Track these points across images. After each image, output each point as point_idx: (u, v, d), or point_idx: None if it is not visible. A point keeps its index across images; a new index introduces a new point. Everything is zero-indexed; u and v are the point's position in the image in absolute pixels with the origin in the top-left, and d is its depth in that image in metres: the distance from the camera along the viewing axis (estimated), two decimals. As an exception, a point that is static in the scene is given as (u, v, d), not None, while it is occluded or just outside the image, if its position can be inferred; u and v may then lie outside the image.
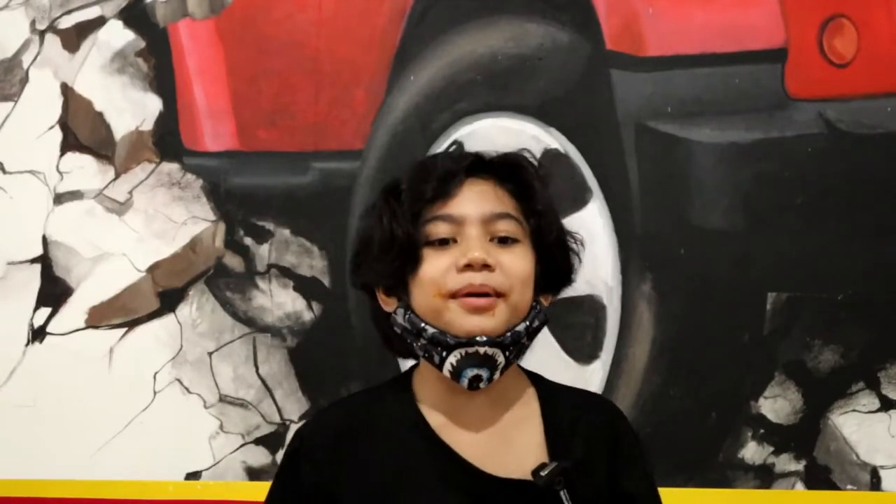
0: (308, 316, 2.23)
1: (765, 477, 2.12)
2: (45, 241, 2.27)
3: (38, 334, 2.26)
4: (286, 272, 2.23)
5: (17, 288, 2.27)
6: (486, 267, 1.34)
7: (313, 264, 2.22)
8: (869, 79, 2.07)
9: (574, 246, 1.45)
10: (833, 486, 2.11)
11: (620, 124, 2.13)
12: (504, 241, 1.37)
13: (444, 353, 1.35)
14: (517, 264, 1.36)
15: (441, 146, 2.20)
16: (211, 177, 2.23)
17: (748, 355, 2.11)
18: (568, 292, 2.08)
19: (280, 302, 2.24)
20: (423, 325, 1.36)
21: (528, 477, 1.35)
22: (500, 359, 1.36)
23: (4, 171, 2.27)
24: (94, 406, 2.23)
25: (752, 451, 2.12)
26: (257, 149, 2.23)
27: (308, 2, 2.21)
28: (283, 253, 2.22)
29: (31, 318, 2.27)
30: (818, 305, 2.09)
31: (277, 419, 2.23)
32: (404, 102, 2.19)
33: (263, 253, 2.23)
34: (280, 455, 2.19)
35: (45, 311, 2.26)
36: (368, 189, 2.19)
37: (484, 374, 1.35)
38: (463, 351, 1.34)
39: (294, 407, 2.22)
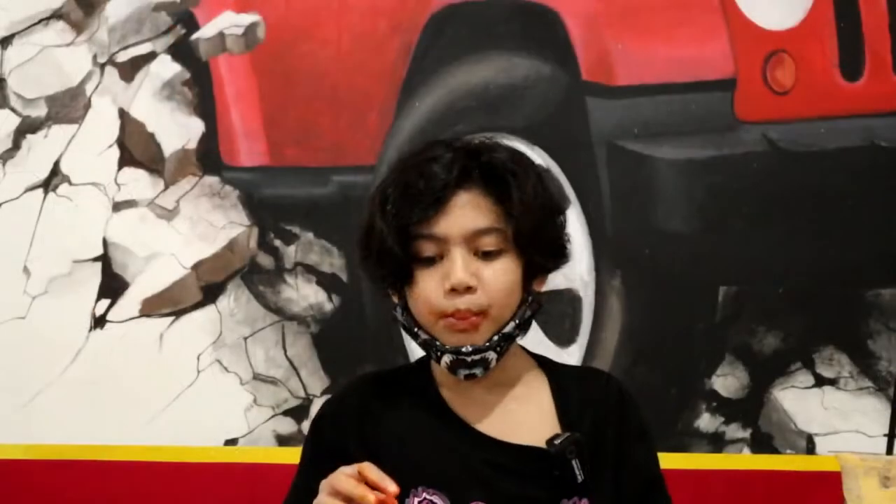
0: (329, 306, 2.27)
1: (717, 443, 2.25)
2: (105, 242, 2.27)
3: (98, 322, 2.27)
4: (310, 269, 2.27)
5: (82, 283, 2.27)
6: (468, 289, 1.29)
7: (333, 262, 2.26)
8: (805, 105, 2.21)
9: (558, 229, 1.36)
10: (775, 451, 2.23)
11: (594, 143, 2.22)
12: (488, 254, 1.32)
13: (440, 353, 1.33)
14: (499, 279, 1.31)
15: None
16: (246, 188, 2.26)
17: (703, 340, 2.24)
18: (549, 286, 2.12)
19: (305, 294, 2.28)
20: (416, 329, 1.34)
21: (542, 445, 1.32)
22: (492, 356, 1.32)
23: (70, 183, 2.27)
24: (147, 383, 2.26)
25: (706, 422, 2.24)
26: (285, 164, 2.25)
27: (329, 39, 2.23)
28: (307, 253, 2.26)
29: (93, 308, 2.27)
30: (762, 297, 2.23)
31: (303, 394, 2.27)
32: (410, 125, 2.24)
33: (291, 253, 2.26)
34: (305, 424, 2.24)
35: (104, 303, 2.27)
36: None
37: (477, 372, 1.33)
38: (453, 356, 1.31)
39: (317, 384, 2.27)
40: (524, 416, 1.38)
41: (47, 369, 2.27)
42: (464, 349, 1.31)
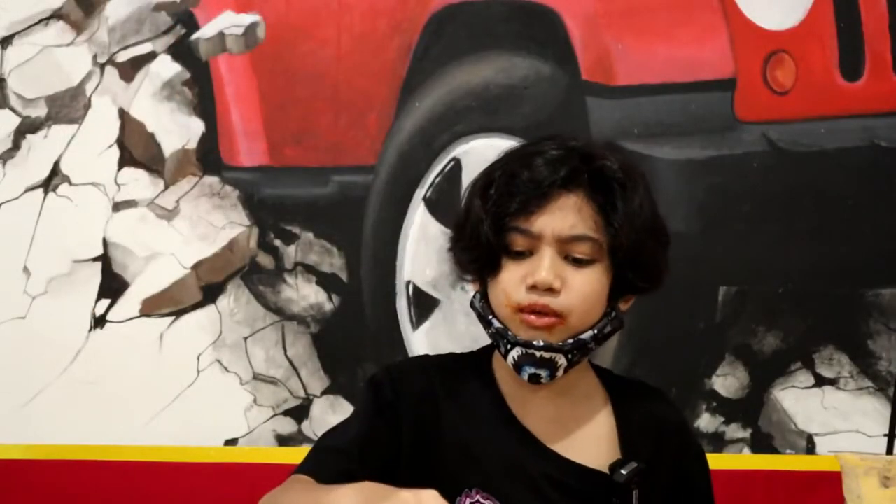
0: (329, 306, 2.27)
1: (717, 443, 2.27)
2: (105, 242, 2.26)
3: (99, 322, 2.26)
4: (310, 269, 2.27)
5: (82, 282, 2.26)
6: (550, 290, 1.28)
7: (333, 262, 2.27)
8: (805, 105, 2.21)
9: (659, 252, 1.34)
10: (774, 451, 2.26)
11: (594, 144, 2.25)
12: (578, 261, 1.29)
13: (509, 346, 1.30)
14: (583, 287, 1.28)
15: (441, 163, 2.23)
16: (246, 188, 2.25)
17: (703, 339, 2.25)
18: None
19: (305, 294, 2.28)
20: (491, 317, 1.32)
21: (601, 468, 1.32)
22: (562, 361, 1.30)
23: (70, 183, 2.26)
24: (147, 383, 2.26)
25: (707, 422, 2.26)
26: (285, 164, 2.25)
27: (329, 39, 2.23)
28: (307, 253, 2.27)
29: (93, 308, 2.26)
30: (762, 297, 2.25)
31: (303, 394, 2.28)
32: (410, 125, 2.24)
33: (291, 253, 2.26)
34: (305, 424, 2.27)
35: (105, 302, 2.26)
36: (380, 198, 2.25)
37: (543, 374, 1.30)
38: (522, 350, 1.29)
39: (317, 384, 2.28)
40: (585, 435, 1.36)
41: (47, 369, 2.26)
42: (535, 342, 1.28)
